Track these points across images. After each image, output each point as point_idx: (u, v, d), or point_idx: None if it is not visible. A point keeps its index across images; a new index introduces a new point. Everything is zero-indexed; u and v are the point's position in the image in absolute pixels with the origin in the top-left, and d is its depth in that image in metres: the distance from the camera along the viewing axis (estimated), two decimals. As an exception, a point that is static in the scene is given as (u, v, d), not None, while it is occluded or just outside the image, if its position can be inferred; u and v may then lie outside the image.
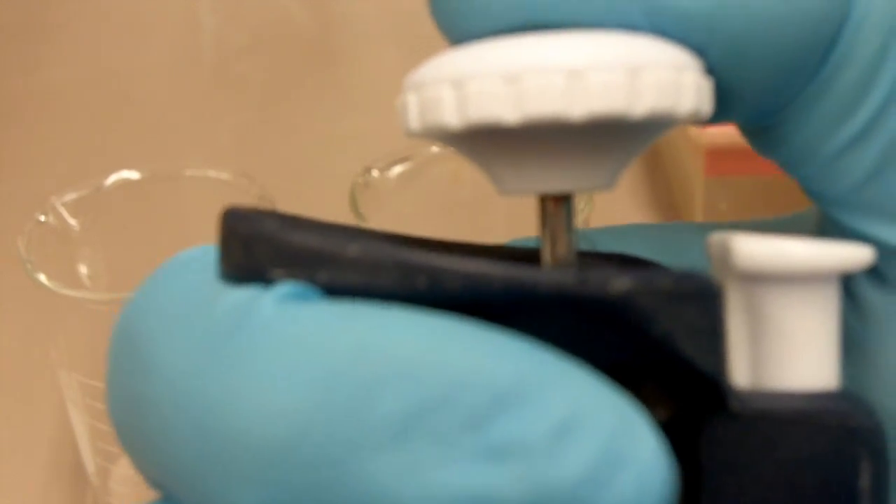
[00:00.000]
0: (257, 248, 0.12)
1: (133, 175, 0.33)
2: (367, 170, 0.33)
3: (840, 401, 0.13)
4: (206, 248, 0.13)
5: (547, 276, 0.11)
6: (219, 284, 0.12)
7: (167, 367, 0.11)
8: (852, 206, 0.13)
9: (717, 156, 0.40)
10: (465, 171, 0.35)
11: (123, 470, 0.32)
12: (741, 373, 0.13)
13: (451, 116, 0.12)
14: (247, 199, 0.32)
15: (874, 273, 0.13)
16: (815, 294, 0.13)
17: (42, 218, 0.31)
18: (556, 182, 0.13)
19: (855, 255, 0.13)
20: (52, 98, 0.58)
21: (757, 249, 0.13)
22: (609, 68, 0.12)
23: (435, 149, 0.34)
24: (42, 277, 0.28)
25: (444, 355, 0.10)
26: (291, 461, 0.10)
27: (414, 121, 0.13)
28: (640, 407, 0.11)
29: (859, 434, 0.12)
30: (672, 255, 0.16)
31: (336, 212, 0.36)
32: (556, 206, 0.13)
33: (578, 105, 0.12)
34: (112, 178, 0.33)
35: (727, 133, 0.39)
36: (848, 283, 0.14)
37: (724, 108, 0.13)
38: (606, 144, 0.13)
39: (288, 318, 0.11)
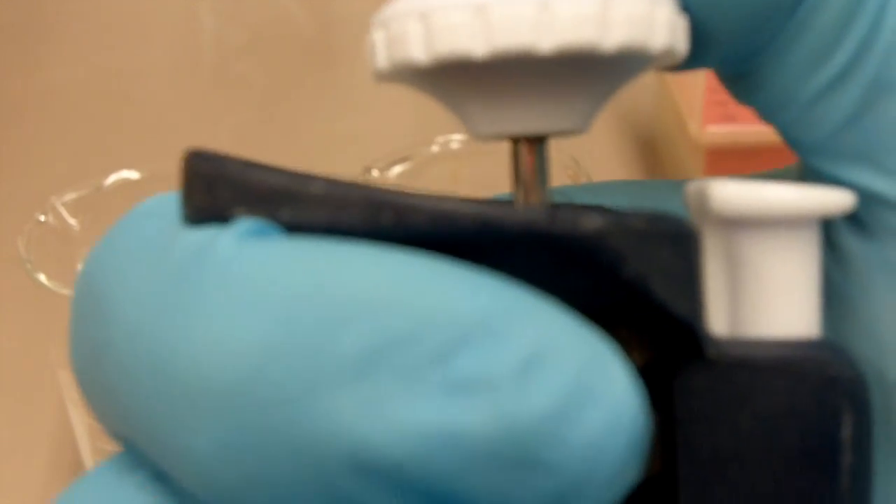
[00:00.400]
0: (220, 188, 0.11)
1: (133, 175, 0.33)
2: (367, 170, 0.33)
3: (821, 349, 0.12)
4: (166, 197, 0.13)
5: (516, 213, 0.11)
6: (179, 228, 0.12)
7: (124, 311, 0.11)
8: (832, 152, 0.13)
9: (717, 156, 0.40)
10: (464, 171, 0.35)
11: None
12: (719, 320, 0.13)
13: (419, 51, 0.12)
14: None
15: (854, 221, 0.13)
16: (795, 239, 0.13)
17: (42, 218, 0.31)
18: (528, 122, 0.13)
19: (835, 198, 0.13)
20: (52, 98, 0.58)
21: (735, 193, 0.12)
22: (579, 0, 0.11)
23: (435, 148, 0.34)
24: (42, 277, 0.28)
25: (407, 290, 0.10)
26: (248, 400, 0.10)
27: (382, 59, 0.12)
28: (613, 343, 0.11)
29: (841, 384, 0.12)
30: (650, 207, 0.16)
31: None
32: (530, 151, 0.13)
33: (548, 37, 0.11)
34: (112, 178, 0.33)
35: (727, 133, 0.39)
36: (828, 233, 0.13)
37: (700, 51, 0.13)
38: (579, 82, 0.12)
39: (245, 254, 0.11)
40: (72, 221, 0.32)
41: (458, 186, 0.35)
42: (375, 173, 0.33)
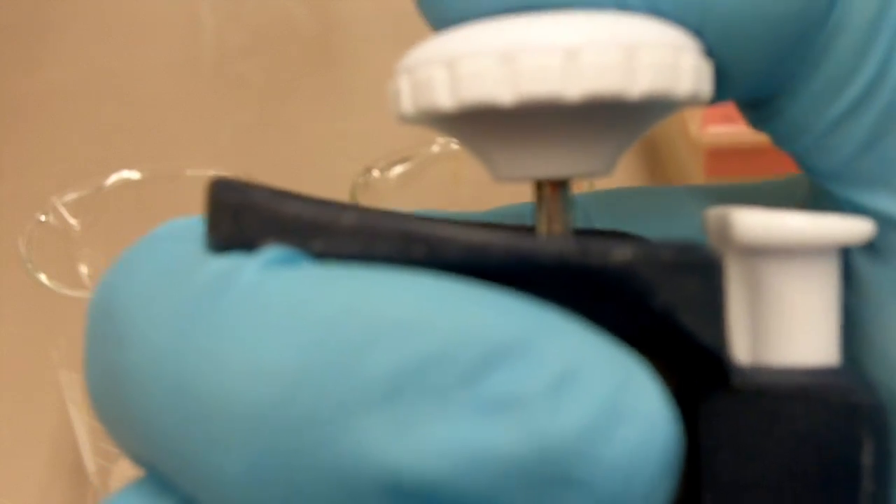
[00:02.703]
0: (247, 217, 0.11)
1: (133, 175, 0.33)
2: (368, 170, 0.33)
3: (841, 377, 0.13)
4: (188, 221, 0.12)
5: (548, 244, 0.11)
6: (202, 254, 0.11)
7: (146, 334, 0.11)
8: (847, 178, 0.13)
9: (717, 156, 0.40)
10: (465, 171, 0.35)
11: (124, 470, 0.32)
12: (741, 348, 0.13)
13: (445, 97, 0.12)
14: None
15: (869, 246, 0.13)
16: (815, 268, 0.13)
17: (43, 218, 0.31)
18: (552, 167, 0.13)
19: (854, 227, 0.13)
20: (52, 98, 0.58)
21: (756, 223, 0.12)
22: (605, 47, 0.11)
23: (435, 148, 0.34)
24: (43, 277, 0.28)
25: (437, 311, 0.10)
26: (278, 423, 0.10)
27: (407, 104, 0.12)
28: (644, 362, 0.11)
29: (861, 411, 0.12)
30: (664, 220, 0.16)
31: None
32: (553, 192, 0.13)
33: (574, 85, 0.11)
34: (112, 178, 0.33)
35: (727, 133, 0.39)
36: (843, 258, 0.13)
37: (723, 87, 0.13)
38: (604, 127, 0.12)
39: (273, 279, 0.11)
40: (72, 221, 0.32)
41: (459, 187, 0.35)
42: (376, 173, 0.33)
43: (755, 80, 0.13)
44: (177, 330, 0.11)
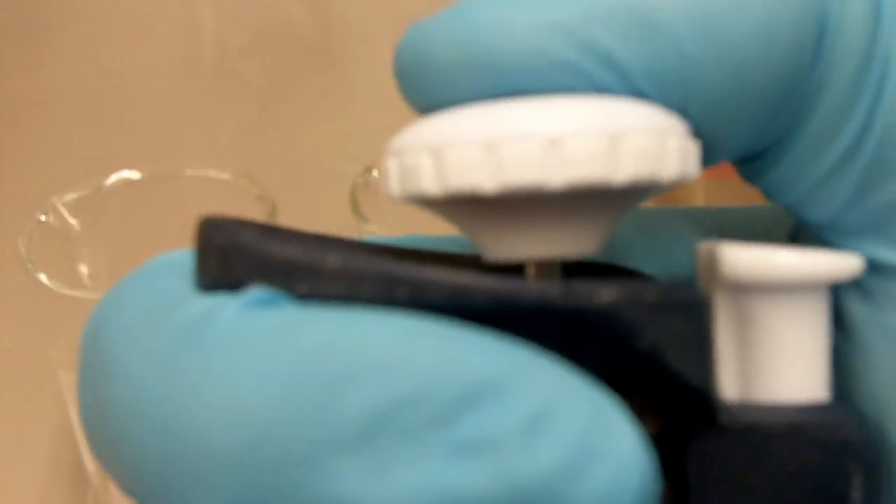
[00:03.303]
0: (234, 259, 0.11)
1: (133, 175, 0.33)
2: (368, 170, 0.33)
3: (831, 413, 0.13)
4: (181, 254, 0.13)
5: (531, 287, 0.11)
6: (188, 291, 0.12)
7: (129, 371, 0.11)
8: (838, 228, 0.13)
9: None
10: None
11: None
12: (730, 383, 0.13)
13: (431, 184, 0.12)
14: (247, 199, 0.32)
15: (857, 286, 0.13)
16: (805, 304, 0.13)
17: (43, 218, 0.31)
18: (539, 250, 0.13)
19: (844, 264, 0.13)
20: (52, 98, 0.58)
21: (744, 259, 0.12)
22: (588, 135, 0.11)
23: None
24: (43, 277, 0.28)
25: (412, 352, 0.10)
26: (257, 462, 0.10)
27: (394, 187, 0.13)
28: (619, 401, 0.11)
29: (850, 447, 0.12)
30: (661, 243, 0.16)
31: (336, 212, 0.36)
32: (541, 270, 0.13)
33: (557, 173, 0.11)
34: (112, 178, 0.33)
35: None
36: (833, 298, 0.14)
37: (711, 155, 0.13)
38: (589, 211, 0.12)
39: (253, 320, 0.11)
40: (72, 221, 0.32)
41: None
42: (376, 173, 0.33)
43: (742, 146, 0.13)
44: (159, 367, 0.11)
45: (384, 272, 0.11)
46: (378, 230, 0.31)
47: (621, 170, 0.12)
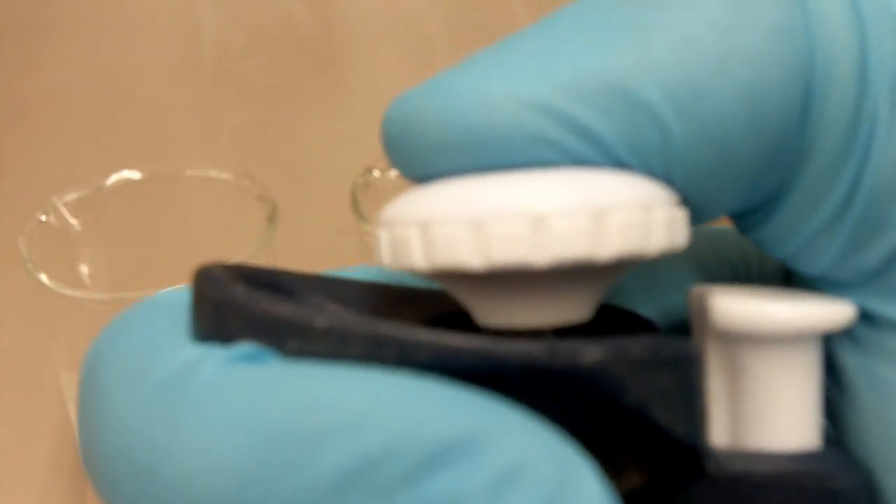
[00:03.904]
0: (226, 314, 0.12)
1: (134, 175, 0.33)
2: (368, 170, 0.33)
3: (821, 461, 0.13)
4: (176, 295, 0.13)
5: (517, 348, 0.11)
6: (179, 338, 0.12)
7: (117, 414, 0.11)
8: (830, 281, 0.13)
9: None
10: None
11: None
12: (721, 431, 0.13)
13: (419, 259, 0.12)
14: (247, 199, 0.32)
15: (850, 337, 0.13)
16: (796, 354, 0.13)
17: (43, 218, 0.31)
18: (530, 319, 0.13)
19: (836, 315, 0.13)
20: (52, 98, 0.58)
21: (734, 310, 0.12)
22: (573, 213, 0.12)
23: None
24: (43, 277, 0.28)
25: (385, 409, 0.10)
26: None
27: (386, 257, 0.13)
28: (590, 459, 0.11)
29: (841, 496, 0.12)
30: (652, 274, 0.16)
31: (336, 212, 0.36)
32: (534, 335, 0.13)
33: (543, 252, 0.11)
34: (113, 178, 0.33)
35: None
36: (824, 347, 0.14)
37: (699, 217, 0.14)
38: (577, 284, 0.13)
39: (234, 375, 0.11)
40: (73, 221, 0.32)
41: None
42: (376, 173, 0.33)
43: (730, 208, 0.13)
44: (145, 414, 0.11)
45: (371, 333, 0.11)
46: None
47: (607, 247, 0.12)
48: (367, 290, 0.15)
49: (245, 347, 0.11)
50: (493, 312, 0.13)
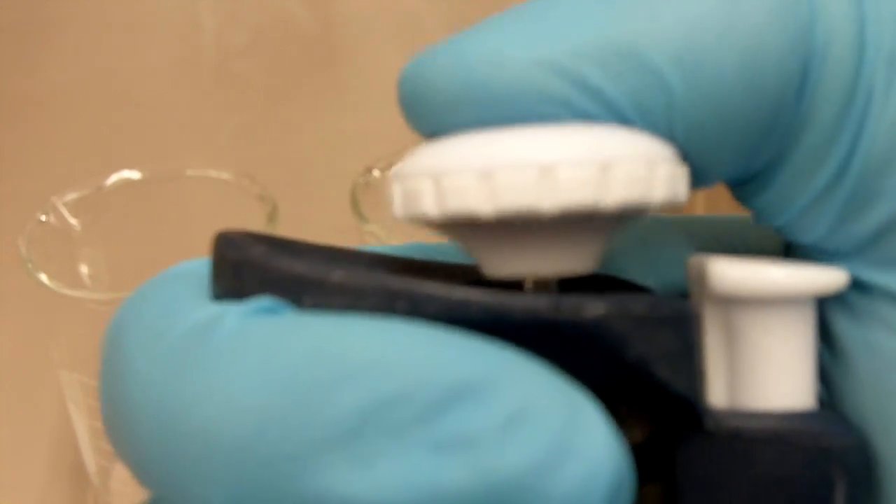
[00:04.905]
0: (246, 273, 0.12)
1: (134, 175, 0.33)
2: (369, 170, 0.33)
3: (815, 420, 0.13)
4: (196, 264, 0.13)
5: (522, 301, 0.12)
6: (199, 299, 0.12)
7: (139, 371, 0.12)
8: (824, 250, 0.14)
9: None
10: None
11: (124, 470, 0.32)
12: (718, 391, 0.13)
13: (431, 208, 0.13)
14: (247, 199, 0.32)
15: (844, 304, 0.14)
16: (791, 316, 0.13)
17: (43, 218, 0.31)
18: (535, 267, 0.13)
19: (829, 278, 0.13)
20: (52, 98, 0.58)
21: (732, 274, 0.13)
22: (579, 163, 0.12)
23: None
24: (43, 277, 0.28)
25: (398, 354, 0.11)
26: (252, 458, 0.11)
27: (399, 209, 0.13)
28: (596, 403, 0.11)
29: (833, 453, 0.12)
30: (654, 252, 0.17)
31: (337, 212, 0.36)
32: (540, 286, 0.14)
33: (549, 198, 0.12)
34: (113, 178, 0.33)
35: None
36: (819, 314, 0.14)
37: (699, 179, 0.14)
38: (582, 232, 0.13)
39: (253, 326, 0.11)
40: (73, 221, 0.32)
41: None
42: (376, 173, 0.33)
43: (729, 172, 0.14)
44: (166, 368, 0.12)
45: (384, 287, 0.12)
46: (378, 230, 0.31)
47: (610, 196, 0.12)
48: (380, 260, 0.15)
49: (262, 301, 0.12)
50: (499, 261, 0.13)
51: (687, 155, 0.13)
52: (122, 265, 0.33)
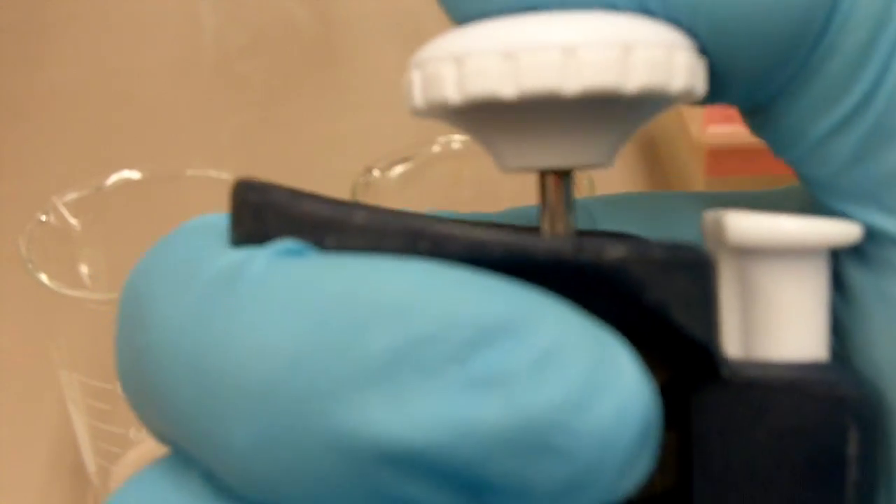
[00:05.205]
0: (267, 216, 0.12)
1: (134, 175, 0.33)
2: (369, 170, 0.33)
3: (829, 371, 0.13)
4: (214, 217, 0.13)
5: (544, 243, 0.12)
6: (224, 246, 0.12)
7: (165, 318, 0.12)
8: (837, 189, 0.14)
9: (718, 156, 0.40)
10: (466, 171, 0.35)
11: (124, 470, 0.32)
12: (733, 343, 0.14)
13: (452, 92, 0.13)
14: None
15: (857, 253, 0.14)
16: (805, 268, 0.13)
17: (43, 218, 0.31)
18: (554, 158, 0.13)
19: (843, 231, 0.13)
20: (52, 98, 0.58)
21: (747, 225, 0.13)
22: (602, 45, 0.12)
23: (436, 148, 0.34)
24: (43, 277, 0.28)
25: (430, 294, 0.11)
26: (283, 397, 0.11)
27: (418, 97, 0.13)
28: (626, 344, 0.11)
29: (847, 403, 0.13)
30: (666, 223, 0.17)
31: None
32: (557, 183, 0.14)
33: (573, 80, 0.12)
34: (113, 178, 0.33)
35: (727, 133, 0.39)
36: (833, 264, 0.14)
37: (716, 89, 0.14)
38: (603, 120, 0.13)
39: (281, 268, 0.11)
40: (73, 221, 0.32)
41: (460, 186, 0.35)
42: (376, 173, 0.33)
43: (749, 84, 0.14)
44: (194, 312, 0.12)
45: (406, 227, 0.12)
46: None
47: (632, 79, 0.12)
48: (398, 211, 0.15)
49: (287, 243, 0.12)
50: (517, 151, 0.13)
51: (707, 52, 0.13)
52: (122, 265, 0.33)
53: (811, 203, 0.15)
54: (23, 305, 0.40)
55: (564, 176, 0.14)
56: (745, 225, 0.13)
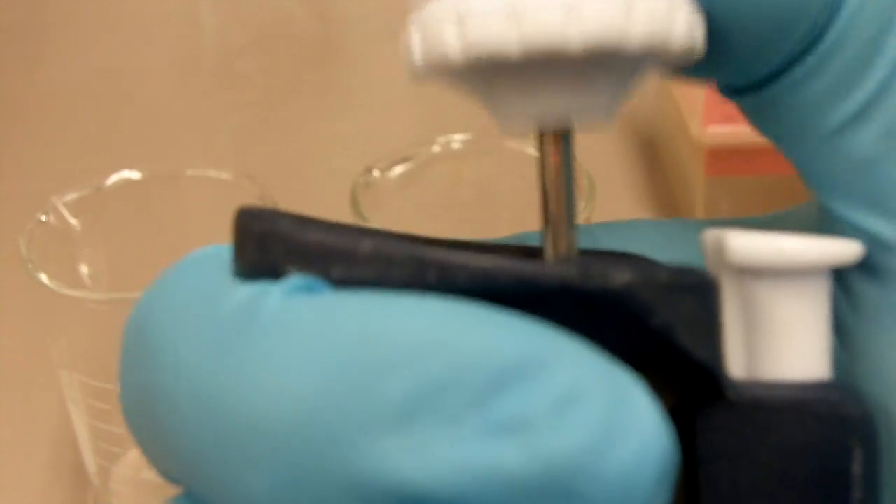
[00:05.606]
0: (272, 245, 0.12)
1: (134, 175, 0.33)
2: (369, 170, 0.33)
3: (832, 390, 0.13)
4: (217, 248, 0.13)
5: (551, 269, 0.12)
6: (230, 280, 0.12)
7: (179, 359, 0.12)
8: (845, 194, 0.13)
9: (718, 156, 0.40)
10: (465, 171, 0.35)
11: (124, 470, 0.32)
12: (736, 363, 0.14)
13: (454, 49, 0.12)
14: (248, 199, 0.32)
15: (865, 265, 0.14)
16: (807, 288, 0.13)
17: (43, 217, 0.31)
18: (555, 116, 0.13)
19: (845, 250, 0.13)
20: (52, 98, 0.58)
21: (749, 245, 0.13)
22: (604, 1, 0.12)
23: (436, 148, 0.34)
24: (43, 277, 0.28)
25: (447, 337, 0.11)
26: (302, 443, 0.11)
27: (418, 57, 0.13)
28: (642, 381, 0.11)
29: (851, 422, 0.13)
30: (671, 251, 0.17)
31: (337, 212, 0.36)
32: (556, 146, 0.14)
33: (576, 36, 0.12)
34: (113, 178, 0.33)
35: (727, 133, 0.39)
36: (841, 276, 0.14)
37: (714, 58, 0.14)
38: (604, 77, 0.13)
39: (295, 307, 0.11)
40: (73, 221, 0.32)
41: (459, 187, 0.35)
42: (376, 173, 0.33)
43: (745, 58, 0.13)
44: (209, 353, 0.11)
45: (414, 256, 0.12)
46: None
47: (634, 33, 0.12)
48: (404, 235, 0.15)
49: (298, 279, 0.12)
50: (518, 109, 0.13)
51: (707, 12, 0.13)
52: (122, 265, 0.33)
53: (819, 224, 0.15)
54: (23, 305, 0.40)
55: (564, 139, 0.14)
56: (745, 244, 0.13)
